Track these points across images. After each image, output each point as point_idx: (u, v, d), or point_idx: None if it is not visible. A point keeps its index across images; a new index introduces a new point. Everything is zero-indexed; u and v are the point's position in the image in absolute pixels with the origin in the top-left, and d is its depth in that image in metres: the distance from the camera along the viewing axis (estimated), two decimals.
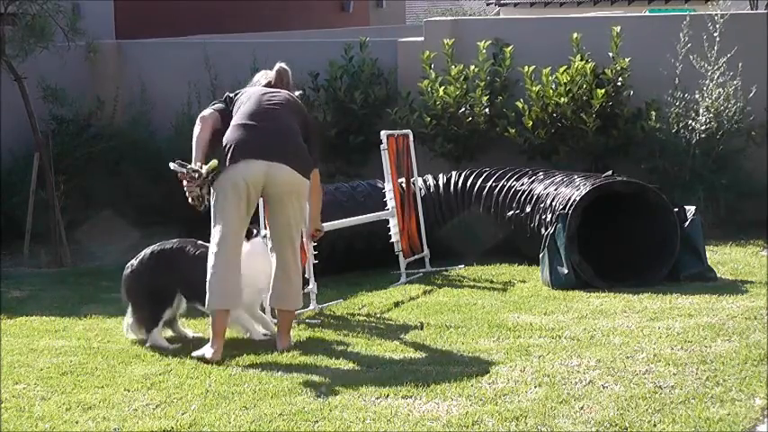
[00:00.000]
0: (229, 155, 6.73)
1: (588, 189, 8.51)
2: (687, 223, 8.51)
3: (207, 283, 6.75)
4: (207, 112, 7.02)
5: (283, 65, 7.24)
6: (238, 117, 6.87)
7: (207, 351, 6.70)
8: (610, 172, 9.22)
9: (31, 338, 7.49)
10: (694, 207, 8.66)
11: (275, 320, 7.19)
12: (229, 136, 6.80)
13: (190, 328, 7.37)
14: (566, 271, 8.27)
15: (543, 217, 8.82)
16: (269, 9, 17.12)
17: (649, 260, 8.53)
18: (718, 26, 10.29)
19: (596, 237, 8.65)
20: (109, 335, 7.54)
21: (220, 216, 6.75)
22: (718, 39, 10.30)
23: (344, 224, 8.81)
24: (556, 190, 8.93)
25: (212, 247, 6.78)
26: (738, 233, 10.04)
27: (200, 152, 6.82)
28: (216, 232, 6.76)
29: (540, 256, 8.47)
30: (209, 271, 6.74)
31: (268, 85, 7.15)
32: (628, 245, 8.75)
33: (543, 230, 8.65)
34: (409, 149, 9.47)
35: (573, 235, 8.34)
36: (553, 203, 8.77)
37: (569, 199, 8.57)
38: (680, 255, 8.43)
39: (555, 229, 8.41)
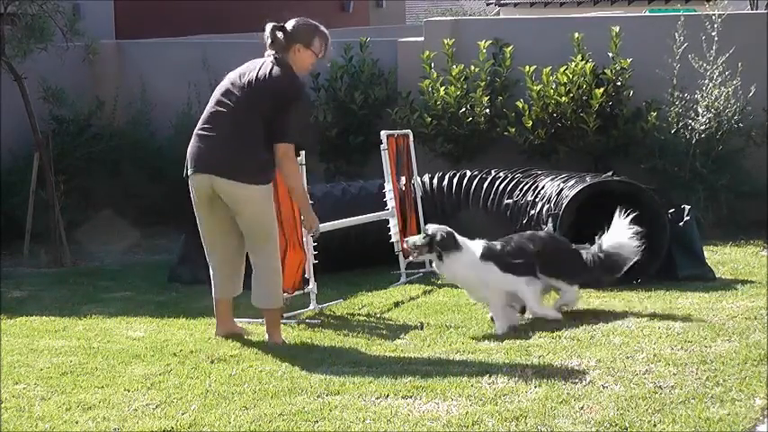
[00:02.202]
0: (186, 167, 6.99)
1: (580, 188, 8.54)
2: (682, 223, 8.53)
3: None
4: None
5: (270, 26, 6.99)
6: (198, 123, 7.04)
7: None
8: (610, 173, 9.22)
9: (31, 338, 7.49)
10: (689, 207, 8.67)
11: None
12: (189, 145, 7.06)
13: None
14: None
15: (540, 215, 8.84)
16: (269, 9, 17.05)
17: (639, 260, 8.55)
18: (715, 26, 10.30)
19: (592, 236, 8.68)
20: (109, 335, 7.54)
21: (199, 225, 7.10)
22: (716, 39, 10.31)
23: (345, 224, 8.81)
24: (552, 190, 8.96)
25: (206, 250, 7.19)
26: (738, 233, 10.05)
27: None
28: (203, 239, 7.15)
29: None
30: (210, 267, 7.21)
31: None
32: None
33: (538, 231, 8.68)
34: (409, 149, 9.48)
35: (565, 233, 8.36)
36: (548, 203, 8.82)
37: (564, 198, 8.62)
38: (676, 255, 8.44)
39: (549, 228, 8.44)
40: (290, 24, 7.03)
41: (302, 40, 6.99)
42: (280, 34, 6.95)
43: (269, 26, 6.99)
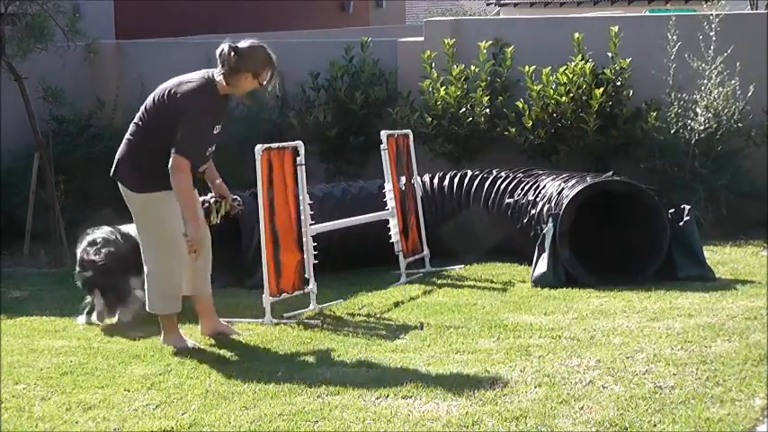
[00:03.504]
0: None
1: (580, 188, 8.55)
2: (682, 223, 8.53)
3: None
4: None
5: (226, 47, 6.91)
6: None
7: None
8: (610, 173, 9.23)
9: (31, 338, 7.49)
10: (689, 207, 8.68)
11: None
12: None
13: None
14: (544, 269, 8.32)
15: (541, 215, 8.85)
16: (269, 9, 17.13)
17: (639, 260, 8.57)
18: (713, 26, 10.30)
19: (592, 235, 8.69)
20: (109, 335, 7.54)
21: None
22: (714, 39, 10.31)
23: (345, 224, 8.82)
24: (553, 190, 8.97)
25: None
26: (738, 233, 10.05)
27: None
28: None
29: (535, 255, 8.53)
30: None
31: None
32: (621, 244, 8.79)
33: (539, 230, 8.69)
34: (409, 149, 9.48)
35: (564, 232, 8.38)
36: (549, 203, 8.83)
37: (564, 197, 8.63)
38: (676, 255, 8.45)
39: (549, 228, 8.46)
40: (244, 46, 6.93)
41: (253, 69, 6.92)
42: (234, 56, 6.89)
43: (226, 47, 6.92)
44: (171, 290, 7.03)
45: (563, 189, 8.84)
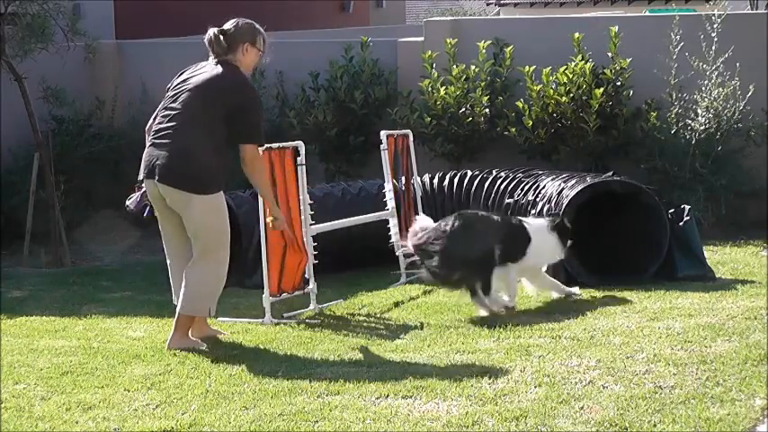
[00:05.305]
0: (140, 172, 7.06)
1: (580, 188, 8.55)
2: (682, 223, 8.53)
3: None
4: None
5: (212, 31, 7.11)
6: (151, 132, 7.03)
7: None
8: (611, 173, 9.23)
9: (31, 338, 7.49)
10: (689, 207, 8.67)
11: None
12: None
13: None
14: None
15: (541, 215, 8.84)
16: (269, 9, 17.11)
17: (639, 259, 8.56)
18: (715, 26, 10.30)
19: (592, 235, 8.69)
20: (109, 335, 7.55)
21: (160, 229, 7.17)
22: (715, 39, 10.31)
23: (345, 224, 8.81)
24: (553, 190, 8.97)
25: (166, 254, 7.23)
26: (738, 233, 10.05)
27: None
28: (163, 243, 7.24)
29: None
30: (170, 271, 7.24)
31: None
32: (621, 244, 8.78)
33: None
34: (409, 149, 9.48)
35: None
36: (549, 203, 8.83)
37: (564, 198, 8.63)
38: (675, 255, 8.45)
39: None
40: (230, 25, 7.11)
41: (249, 39, 7.09)
42: (223, 37, 7.02)
43: (213, 31, 7.07)
44: (218, 291, 7.04)
45: (563, 189, 8.83)
